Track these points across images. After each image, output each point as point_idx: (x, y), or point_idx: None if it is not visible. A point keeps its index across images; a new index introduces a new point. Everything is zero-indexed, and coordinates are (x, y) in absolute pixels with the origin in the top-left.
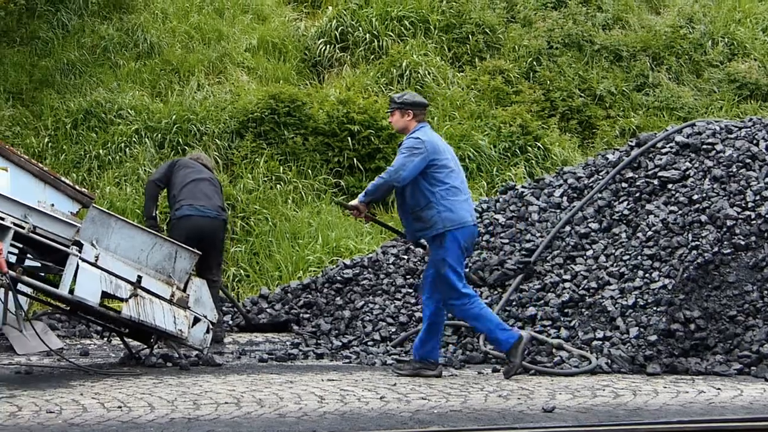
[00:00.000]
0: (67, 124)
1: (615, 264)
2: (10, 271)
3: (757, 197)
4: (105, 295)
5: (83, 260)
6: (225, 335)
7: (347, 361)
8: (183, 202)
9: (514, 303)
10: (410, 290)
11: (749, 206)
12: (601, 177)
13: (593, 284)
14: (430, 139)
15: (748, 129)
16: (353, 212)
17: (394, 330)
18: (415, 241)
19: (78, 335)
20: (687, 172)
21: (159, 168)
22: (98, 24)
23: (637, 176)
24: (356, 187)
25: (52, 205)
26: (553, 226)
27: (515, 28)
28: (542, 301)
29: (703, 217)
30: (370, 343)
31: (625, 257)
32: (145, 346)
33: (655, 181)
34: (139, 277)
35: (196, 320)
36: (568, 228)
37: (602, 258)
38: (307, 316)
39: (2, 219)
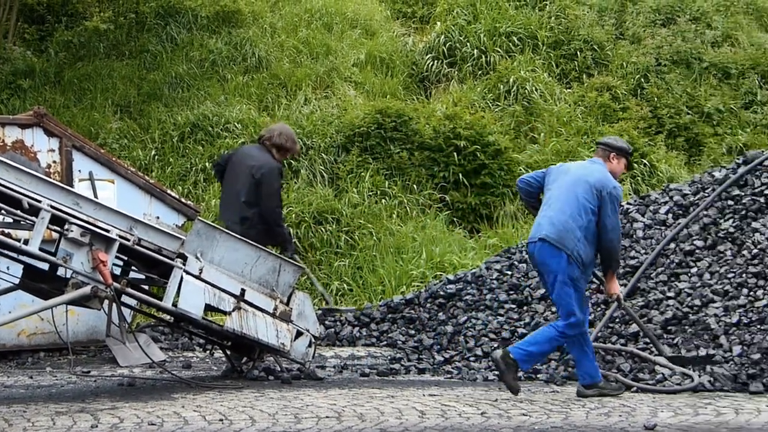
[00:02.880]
0: (174, 137)
1: (719, 281)
2: (115, 283)
3: None
4: (208, 307)
5: (187, 273)
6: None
7: (449, 376)
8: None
9: (617, 320)
10: (513, 306)
11: None
12: (707, 194)
13: (697, 302)
14: None
15: None
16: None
17: (496, 346)
18: None
19: (181, 348)
20: None
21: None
22: (207, 38)
23: (743, 194)
24: (461, 203)
25: (158, 217)
26: (658, 243)
27: (623, 44)
28: (645, 318)
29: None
30: (472, 358)
31: (730, 275)
32: (248, 359)
33: (762, 199)
34: (243, 290)
35: (299, 334)
36: (672, 245)
37: (706, 275)
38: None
39: (108, 231)
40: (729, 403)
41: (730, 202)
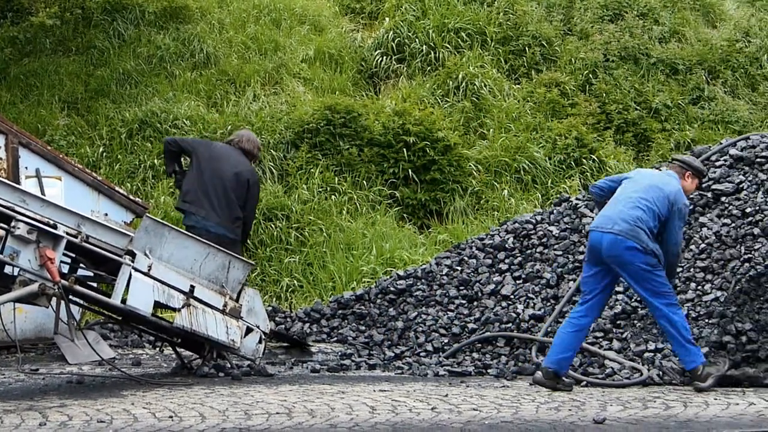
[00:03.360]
0: (122, 133)
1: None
2: (63, 281)
3: None
4: (157, 304)
5: (136, 270)
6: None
7: (399, 371)
8: (188, 204)
9: (567, 314)
10: (463, 301)
11: None
12: None
13: None
14: None
15: None
16: None
17: (446, 341)
18: None
19: (130, 345)
20: (740, 185)
21: (180, 137)
22: (155, 34)
23: None
24: (411, 199)
25: (106, 214)
26: None
27: (572, 40)
28: None
29: (756, 230)
30: (422, 354)
31: (678, 269)
32: (197, 356)
33: (709, 194)
34: (192, 286)
35: (249, 330)
36: None
37: None
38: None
39: (55, 228)
40: (678, 397)
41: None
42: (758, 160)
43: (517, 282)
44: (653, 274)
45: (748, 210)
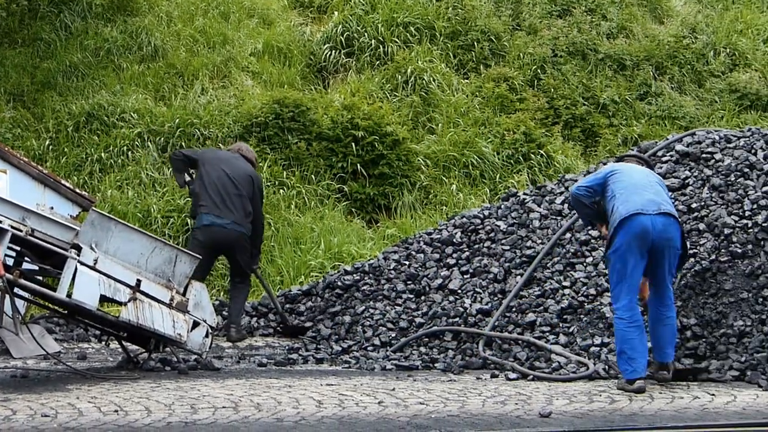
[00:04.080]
0: (68, 126)
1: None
2: (7, 274)
3: (754, 206)
4: (103, 298)
5: (82, 263)
6: (245, 337)
7: (347, 366)
8: (205, 209)
9: (514, 309)
10: (411, 295)
11: (746, 215)
12: None
13: (592, 291)
14: None
15: (747, 139)
16: None
17: (394, 335)
18: None
19: (76, 339)
20: (686, 181)
21: (187, 149)
22: (102, 26)
23: None
24: (359, 193)
25: (52, 208)
26: (554, 233)
27: (520, 35)
28: (542, 308)
29: (702, 225)
30: (369, 348)
31: None
32: (143, 350)
33: None
34: (138, 280)
35: (196, 324)
36: (568, 235)
37: (601, 265)
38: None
39: (0, 222)
40: (623, 391)
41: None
42: (704, 155)
43: (465, 276)
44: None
45: (694, 205)
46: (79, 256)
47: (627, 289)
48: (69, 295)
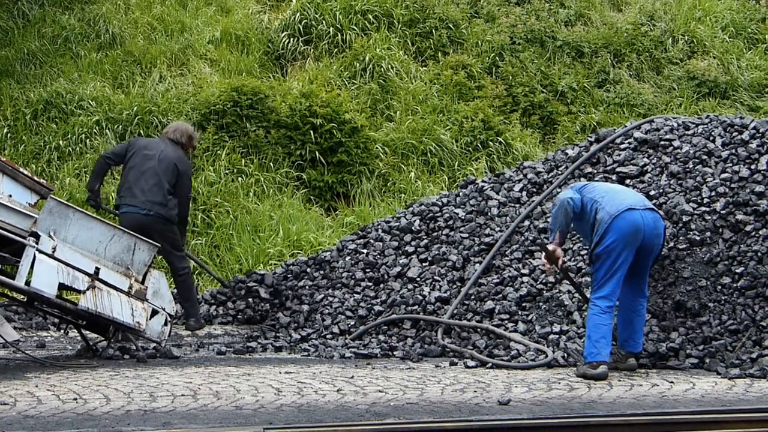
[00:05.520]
0: (26, 114)
1: (572, 258)
2: None
3: (713, 193)
4: (62, 286)
5: (40, 251)
6: (204, 326)
7: (305, 354)
8: (122, 198)
9: (472, 297)
10: (369, 283)
11: (704, 202)
12: (560, 172)
13: (551, 278)
14: None
15: (705, 126)
16: None
17: (352, 323)
18: None
19: (34, 327)
20: (645, 168)
21: (117, 145)
22: (59, 14)
23: (595, 171)
24: (318, 181)
25: (10, 196)
26: (513, 221)
27: (478, 23)
28: (500, 295)
29: (660, 213)
30: (328, 336)
31: (583, 252)
32: (103, 339)
33: (614, 177)
34: (97, 269)
35: (154, 312)
36: (527, 222)
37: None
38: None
39: None
40: (582, 378)
41: (583, 180)
42: (662, 143)
43: (423, 264)
44: None
45: (652, 193)
46: (37, 244)
47: (612, 283)
48: (27, 283)
